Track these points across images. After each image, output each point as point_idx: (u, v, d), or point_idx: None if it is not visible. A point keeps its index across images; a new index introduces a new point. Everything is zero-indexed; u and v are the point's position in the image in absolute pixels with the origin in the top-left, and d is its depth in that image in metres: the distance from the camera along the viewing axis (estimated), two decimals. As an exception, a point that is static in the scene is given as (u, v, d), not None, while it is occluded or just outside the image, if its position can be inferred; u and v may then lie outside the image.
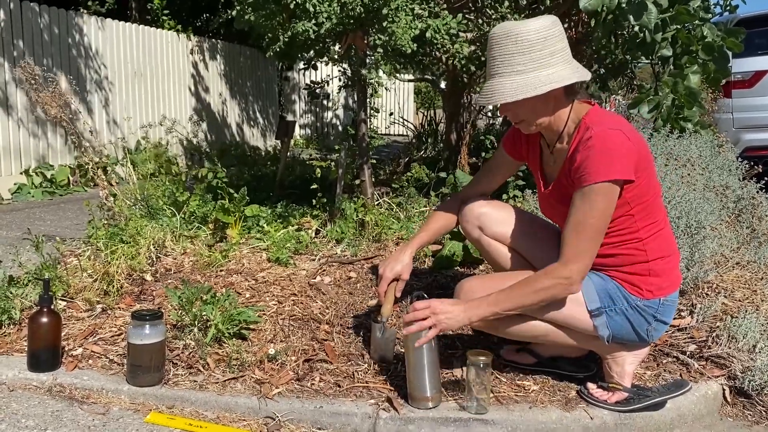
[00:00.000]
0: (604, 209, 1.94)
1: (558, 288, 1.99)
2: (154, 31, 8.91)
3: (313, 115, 12.94)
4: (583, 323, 2.10)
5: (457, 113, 6.03)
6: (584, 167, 1.94)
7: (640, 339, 2.13)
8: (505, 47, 1.98)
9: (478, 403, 2.09)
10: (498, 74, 2.00)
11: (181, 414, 2.14)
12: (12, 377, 2.31)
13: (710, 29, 4.34)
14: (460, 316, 2.05)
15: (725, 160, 4.41)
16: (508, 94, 1.97)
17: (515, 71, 1.97)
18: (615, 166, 1.91)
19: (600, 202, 1.93)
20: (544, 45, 1.96)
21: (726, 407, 2.34)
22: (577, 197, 1.97)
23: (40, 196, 6.55)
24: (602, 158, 1.91)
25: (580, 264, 1.97)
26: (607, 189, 1.92)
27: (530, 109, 2.04)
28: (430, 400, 2.11)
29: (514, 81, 1.97)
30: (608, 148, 1.92)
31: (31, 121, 6.91)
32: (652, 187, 2.06)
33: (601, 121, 2.00)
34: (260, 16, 3.95)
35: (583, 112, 2.07)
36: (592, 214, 1.94)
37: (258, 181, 5.86)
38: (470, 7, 4.85)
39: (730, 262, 3.27)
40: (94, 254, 3.25)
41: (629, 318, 2.08)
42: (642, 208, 2.03)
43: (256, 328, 2.63)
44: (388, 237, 3.75)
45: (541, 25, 1.97)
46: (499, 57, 1.99)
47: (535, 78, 1.96)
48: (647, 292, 2.07)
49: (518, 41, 1.96)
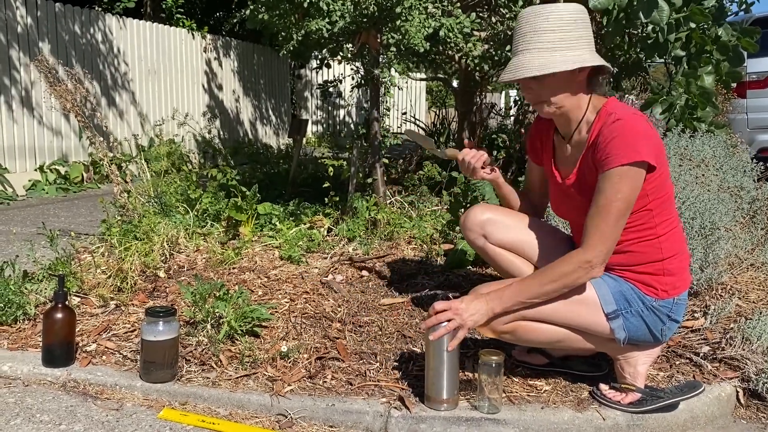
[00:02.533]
0: (629, 193, 1.91)
1: (579, 272, 1.96)
2: (168, 29, 8.96)
3: (325, 113, 12.96)
4: (600, 327, 2.08)
5: (469, 112, 6.03)
6: (610, 149, 1.91)
7: (654, 339, 2.12)
8: (535, 23, 1.97)
9: (490, 403, 2.09)
10: (526, 50, 1.99)
11: (194, 410, 2.15)
12: (27, 372, 2.33)
13: (725, 29, 4.30)
14: (483, 309, 2.02)
15: (739, 161, 4.37)
16: (536, 68, 1.96)
17: (544, 48, 1.96)
18: (642, 148, 1.89)
19: (625, 185, 1.90)
20: (573, 27, 1.97)
21: (739, 409, 2.32)
22: (602, 181, 1.94)
23: (55, 192, 6.60)
24: (629, 140, 1.89)
25: (602, 247, 1.94)
26: (633, 172, 1.90)
27: (553, 90, 2.02)
28: (445, 402, 2.10)
29: (542, 57, 1.96)
30: (636, 130, 1.91)
31: (46, 118, 6.97)
32: (668, 183, 2.05)
33: (624, 108, 2.00)
34: (274, 15, 3.96)
35: (602, 103, 2.07)
36: (616, 197, 1.91)
37: (271, 179, 5.88)
38: (484, 5, 4.84)
39: (744, 264, 3.25)
40: (108, 251, 3.27)
41: (645, 319, 2.07)
42: (659, 203, 2.01)
43: (269, 325, 2.64)
44: (400, 235, 3.75)
45: (573, 8, 1.99)
46: (529, 33, 1.98)
47: (563, 56, 1.95)
48: (662, 291, 2.05)
49: (549, 18, 1.96)
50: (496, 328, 2.07)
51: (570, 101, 2.05)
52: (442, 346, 2.05)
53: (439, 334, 2.03)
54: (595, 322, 2.07)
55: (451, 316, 2.01)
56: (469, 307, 2.02)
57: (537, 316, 2.06)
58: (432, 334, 2.04)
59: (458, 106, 6.35)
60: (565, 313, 2.06)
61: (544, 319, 2.07)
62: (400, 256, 3.52)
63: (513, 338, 2.12)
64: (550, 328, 2.09)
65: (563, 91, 2.03)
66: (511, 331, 2.08)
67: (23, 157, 6.75)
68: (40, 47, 6.87)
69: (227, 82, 10.22)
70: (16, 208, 5.72)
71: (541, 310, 2.05)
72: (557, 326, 2.09)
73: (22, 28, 6.69)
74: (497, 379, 2.08)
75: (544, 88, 2.02)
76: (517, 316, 2.05)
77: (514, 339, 2.13)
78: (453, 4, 4.24)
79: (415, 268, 3.32)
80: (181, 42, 9.18)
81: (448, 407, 2.10)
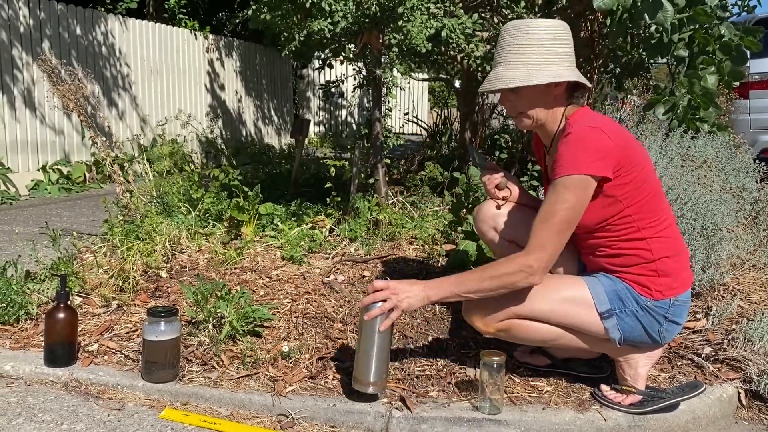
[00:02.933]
0: (573, 203, 1.94)
1: (519, 276, 1.98)
2: (171, 29, 8.97)
3: (327, 113, 12.97)
4: (594, 326, 2.09)
5: (471, 112, 6.02)
6: (558, 161, 1.97)
7: (652, 340, 2.12)
8: (515, 38, 2.03)
9: (491, 404, 2.09)
10: (504, 62, 2.05)
11: (196, 410, 2.16)
12: (29, 372, 2.33)
13: (728, 28, 4.30)
14: (420, 295, 2.05)
15: (742, 162, 4.37)
16: (511, 80, 2.01)
17: (521, 61, 2.02)
18: (587, 161, 1.92)
19: (569, 195, 1.94)
20: (552, 43, 2.01)
21: (741, 410, 2.32)
22: (549, 189, 1.99)
23: (57, 192, 6.61)
24: (575, 153, 1.94)
25: (542, 254, 1.96)
26: (576, 182, 1.93)
27: (529, 102, 2.08)
28: (371, 385, 2.10)
29: (518, 70, 2.01)
30: (582, 143, 1.94)
31: (49, 118, 6.98)
32: (648, 186, 2.04)
33: (582, 120, 2.03)
34: (276, 15, 3.96)
35: (571, 113, 2.10)
36: (560, 206, 1.95)
37: (273, 179, 5.88)
38: (486, 6, 4.84)
39: (746, 265, 3.25)
40: (110, 251, 3.28)
41: (640, 319, 2.07)
42: (638, 208, 2.02)
43: (270, 325, 2.65)
44: (401, 236, 3.75)
45: (553, 25, 2.04)
46: (509, 46, 2.04)
47: (539, 70, 2.00)
48: (657, 292, 2.05)
49: (529, 34, 2.01)
50: (490, 324, 2.11)
51: (545, 114, 2.10)
52: (374, 327, 2.08)
53: (372, 314, 2.06)
54: (588, 321, 2.08)
55: (388, 296, 2.05)
56: (406, 289, 2.06)
57: (531, 315, 2.08)
58: (366, 314, 2.07)
59: (460, 107, 6.34)
60: (559, 311, 2.08)
61: (538, 318, 2.09)
62: (402, 256, 3.52)
63: (507, 336, 2.15)
64: (544, 326, 2.10)
65: (539, 104, 2.08)
66: (506, 328, 2.11)
67: (26, 157, 6.76)
68: (42, 47, 6.88)
69: (229, 83, 10.23)
70: (19, 208, 5.73)
71: (535, 308, 2.07)
72: (552, 325, 2.10)
73: (24, 27, 6.71)
74: (498, 379, 2.08)
75: (520, 100, 2.09)
76: (511, 313, 2.07)
77: (508, 336, 2.15)
78: (455, 5, 4.24)
79: (417, 268, 3.32)
80: (184, 42, 9.19)
81: (374, 390, 2.11)
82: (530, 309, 2.07)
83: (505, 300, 2.07)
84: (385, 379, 2.14)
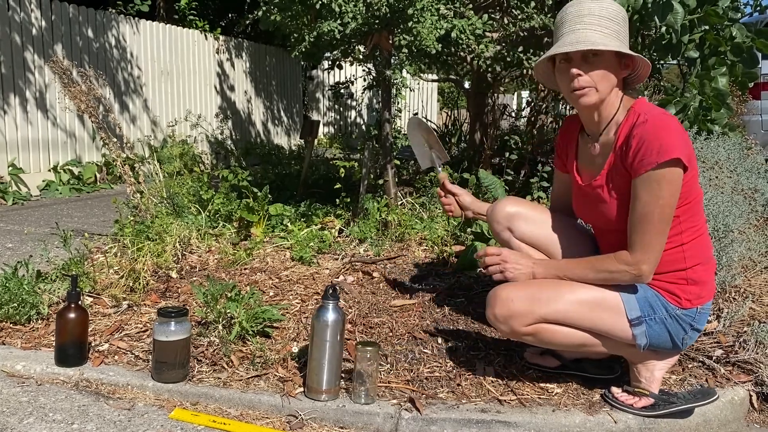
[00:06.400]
0: (669, 197, 1.89)
1: (626, 275, 1.98)
2: (181, 30, 9.01)
3: (336, 114, 12.98)
4: (623, 332, 2.05)
5: (481, 113, 6.01)
6: (643, 150, 1.88)
7: (674, 347, 2.09)
8: (595, 9, 1.97)
9: (366, 394, 2.13)
10: (586, 29, 1.95)
11: (205, 411, 2.16)
12: (40, 371, 2.34)
13: (739, 29, 4.27)
14: (528, 270, 2.11)
15: (754, 163, 4.35)
16: (600, 44, 1.93)
17: (602, 32, 1.95)
18: (675, 144, 1.85)
19: (664, 189, 1.88)
20: (624, 25, 2.00)
21: (753, 413, 2.31)
22: (638, 186, 1.92)
23: (68, 192, 6.64)
24: (661, 137, 1.87)
25: (649, 256, 1.94)
26: (669, 174, 1.87)
27: (602, 76, 1.98)
28: (324, 392, 2.13)
29: (604, 37, 1.94)
30: (667, 128, 1.88)
31: (60, 119, 7.02)
32: (696, 188, 2.01)
33: (651, 108, 1.97)
34: (286, 16, 3.97)
35: (632, 102, 2.04)
36: (657, 204, 1.89)
37: (282, 180, 5.89)
38: (496, 7, 4.83)
39: (758, 267, 3.23)
40: (121, 251, 3.29)
41: (668, 327, 2.04)
42: (686, 209, 1.98)
43: (280, 326, 2.65)
44: (411, 237, 3.75)
45: (620, 7, 2.01)
46: (589, 15, 1.96)
47: (618, 45, 1.95)
48: (686, 301, 2.02)
49: (609, 9, 1.97)
50: (518, 330, 2.06)
51: (609, 93, 2.01)
52: (324, 335, 2.10)
53: (491, 270, 2.15)
54: (618, 327, 2.05)
55: (498, 261, 2.11)
56: (517, 260, 2.12)
57: (560, 319, 2.05)
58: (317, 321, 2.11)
59: (470, 108, 6.34)
60: (589, 317, 2.05)
61: (568, 322, 2.06)
62: (411, 257, 3.52)
63: (535, 340, 2.12)
64: (572, 331, 2.07)
65: (608, 79, 1.99)
66: (534, 333, 2.08)
67: (37, 158, 6.81)
68: (54, 49, 6.92)
69: (239, 83, 10.26)
70: (30, 208, 5.77)
71: (565, 313, 2.04)
72: (579, 330, 2.08)
73: (36, 30, 6.75)
74: (372, 369, 2.12)
75: (594, 69, 1.97)
76: (539, 318, 2.04)
77: (535, 341, 2.12)
78: (465, 6, 4.24)
79: (426, 269, 3.32)
80: (194, 43, 9.22)
81: (327, 397, 2.13)
82: (561, 314, 2.04)
83: (533, 304, 2.04)
84: (337, 385, 2.16)
